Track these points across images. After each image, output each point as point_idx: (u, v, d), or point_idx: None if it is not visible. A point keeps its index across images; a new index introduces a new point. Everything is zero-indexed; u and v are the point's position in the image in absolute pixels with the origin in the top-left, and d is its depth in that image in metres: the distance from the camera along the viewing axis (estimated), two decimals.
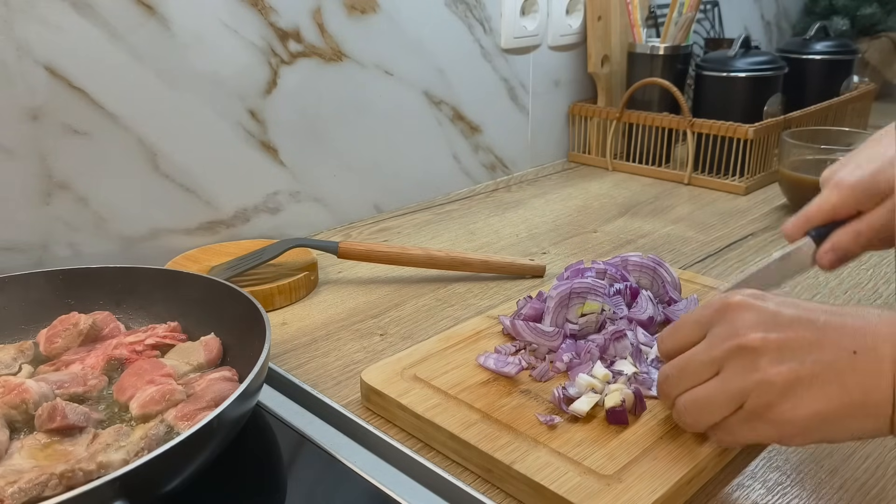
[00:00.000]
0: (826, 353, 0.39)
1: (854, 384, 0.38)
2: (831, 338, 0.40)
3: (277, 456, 0.53)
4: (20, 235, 0.71)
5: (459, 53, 1.05)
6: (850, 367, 0.39)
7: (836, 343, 0.39)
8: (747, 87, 1.12)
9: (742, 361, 0.41)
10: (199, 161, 0.81)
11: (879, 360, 0.38)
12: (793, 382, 0.40)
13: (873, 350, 0.38)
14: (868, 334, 0.39)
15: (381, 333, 0.68)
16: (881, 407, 0.38)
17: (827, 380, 0.39)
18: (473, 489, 0.46)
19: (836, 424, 0.39)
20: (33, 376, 0.54)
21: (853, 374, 0.38)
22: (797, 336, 0.40)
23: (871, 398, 0.38)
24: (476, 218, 0.99)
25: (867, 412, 0.38)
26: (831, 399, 0.39)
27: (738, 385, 0.41)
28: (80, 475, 0.42)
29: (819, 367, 0.39)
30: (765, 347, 0.41)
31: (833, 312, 0.41)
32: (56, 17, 0.68)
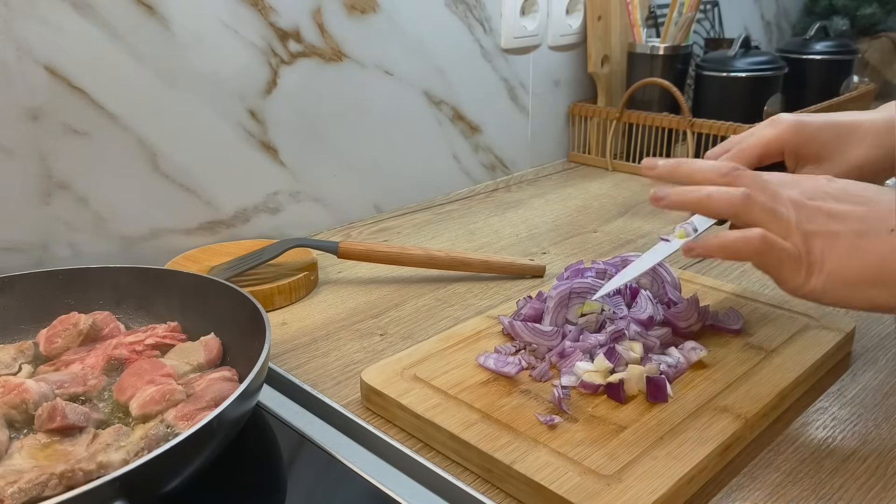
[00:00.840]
0: (868, 225, 0.45)
1: (876, 251, 0.44)
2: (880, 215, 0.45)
3: (277, 456, 0.53)
4: (20, 235, 0.71)
5: (459, 53, 1.05)
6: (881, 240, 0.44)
7: (883, 219, 0.45)
8: (747, 87, 1.12)
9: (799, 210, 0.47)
10: (199, 161, 0.81)
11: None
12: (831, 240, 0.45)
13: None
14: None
15: (381, 333, 0.68)
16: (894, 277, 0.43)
17: (857, 247, 0.44)
18: (473, 489, 0.46)
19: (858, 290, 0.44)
20: (33, 376, 0.54)
21: (882, 244, 0.44)
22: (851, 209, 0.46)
23: (888, 269, 0.43)
24: (476, 218, 0.99)
25: (883, 282, 0.44)
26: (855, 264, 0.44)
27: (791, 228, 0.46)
28: (80, 475, 0.42)
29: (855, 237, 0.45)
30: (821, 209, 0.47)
31: (878, 191, 0.47)
32: (56, 17, 0.68)
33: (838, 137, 0.57)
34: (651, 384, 0.53)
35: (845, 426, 0.53)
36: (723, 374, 0.56)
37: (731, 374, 0.56)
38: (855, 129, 0.57)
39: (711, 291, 0.70)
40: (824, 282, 0.45)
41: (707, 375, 0.56)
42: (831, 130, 0.57)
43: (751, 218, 0.47)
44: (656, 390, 0.53)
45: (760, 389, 0.54)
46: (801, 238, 0.46)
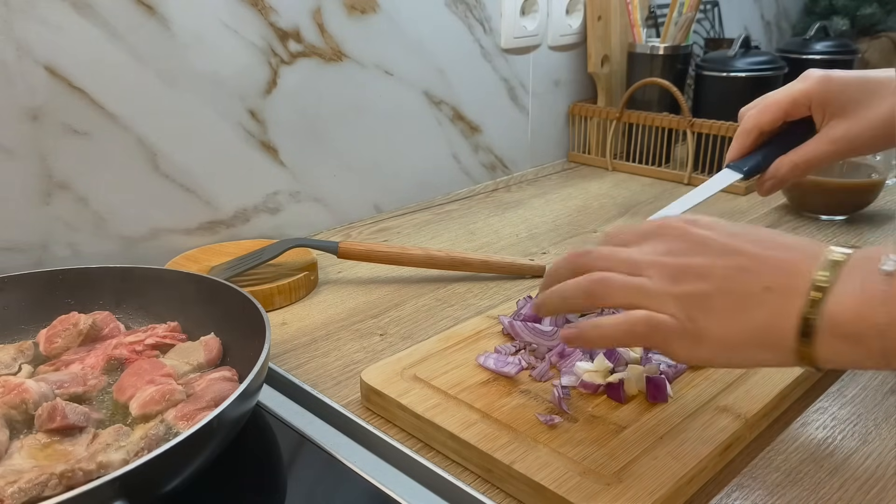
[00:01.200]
0: (741, 283, 0.40)
1: (758, 316, 0.39)
2: (752, 270, 0.41)
3: (277, 456, 0.53)
4: (20, 235, 0.71)
5: (459, 53, 1.05)
6: (759, 302, 0.39)
7: (754, 277, 0.40)
8: (747, 87, 1.12)
9: (662, 276, 0.42)
10: (199, 161, 0.81)
11: (789, 301, 0.39)
12: (706, 305, 0.41)
13: (786, 290, 0.39)
14: (788, 271, 0.40)
15: (380, 333, 0.68)
16: (784, 341, 0.39)
17: (736, 309, 0.40)
18: (473, 489, 0.46)
19: (743, 353, 0.40)
20: (33, 376, 0.54)
21: (760, 308, 0.39)
22: (721, 264, 0.41)
23: (773, 332, 0.39)
24: (476, 218, 0.99)
25: (768, 344, 0.39)
26: (737, 327, 0.40)
27: (655, 292, 0.42)
28: (80, 475, 0.42)
29: (733, 297, 0.40)
30: (687, 268, 0.42)
31: (764, 244, 0.41)
32: (56, 17, 0.68)
33: (866, 92, 0.57)
34: (651, 384, 0.53)
35: (845, 426, 0.53)
36: (723, 374, 0.56)
37: (731, 374, 0.56)
38: (883, 84, 0.57)
39: None
40: (711, 349, 0.41)
41: (707, 375, 0.56)
42: (859, 85, 0.58)
43: (616, 301, 0.43)
44: (656, 390, 0.53)
45: (760, 389, 0.54)
46: (676, 306, 0.41)
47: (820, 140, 0.59)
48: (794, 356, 0.39)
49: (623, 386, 0.53)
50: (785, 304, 0.39)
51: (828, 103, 0.59)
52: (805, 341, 0.38)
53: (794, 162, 0.60)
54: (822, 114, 0.59)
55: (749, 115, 0.63)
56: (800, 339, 0.38)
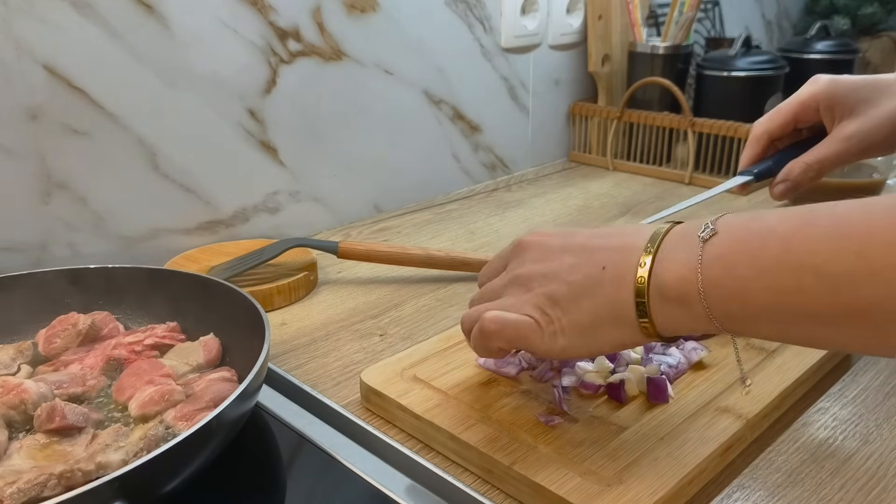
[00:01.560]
0: (583, 271, 0.44)
1: (603, 296, 0.42)
2: (589, 258, 0.44)
3: (277, 456, 0.53)
4: (19, 235, 0.71)
5: (459, 52, 1.04)
6: (599, 282, 0.43)
7: (593, 262, 0.43)
8: (748, 86, 1.12)
9: (518, 288, 0.47)
10: (199, 161, 0.81)
11: (624, 271, 0.42)
12: (556, 298, 0.44)
13: (620, 263, 0.42)
14: (621, 249, 0.43)
15: (380, 334, 0.68)
16: (627, 315, 0.42)
17: (582, 294, 0.43)
18: (473, 490, 0.46)
19: (596, 335, 0.43)
20: (32, 376, 0.54)
21: (600, 287, 0.42)
22: (563, 261, 0.45)
23: (618, 308, 0.42)
24: (476, 218, 0.99)
25: (617, 321, 0.42)
26: (585, 311, 0.43)
27: (511, 303, 0.46)
28: (79, 475, 0.42)
29: (577, 286, 0.43)
30: (535, 273, 0.46)
31: (601, 235, 0.45)
32: (55, 16, 0.68)
33: (875, 91, 0.58)
34: (652, 385, 0.53)
35: (846, 427, 0.53)
36: (723, 375, 0.56)
37: (731, 375, 0.55)
38: (891, 84, 0.58)
39: None
40: (567, 337, 0.44)
41: (707, 376, 0.56)
42: (867, 85, 0.59)
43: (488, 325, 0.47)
44: (657, 391, 0.52)
45: (761, 390, 0.54)
46: (531, 307, 0.45)
47: (831, 140, 0.60)
48: (638, 327, 0.42)
49: (623, 386, 0.53)
50: (621, 277, 0.42)
51: (836, 104, 0.59)
52: (640, 308, 0.41)
53: (807, 162, 0.60)
54: (832, 115, 0.60)
55: (758, 122, 0.64)
56: (636, 308, 0.41)
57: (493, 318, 0.46)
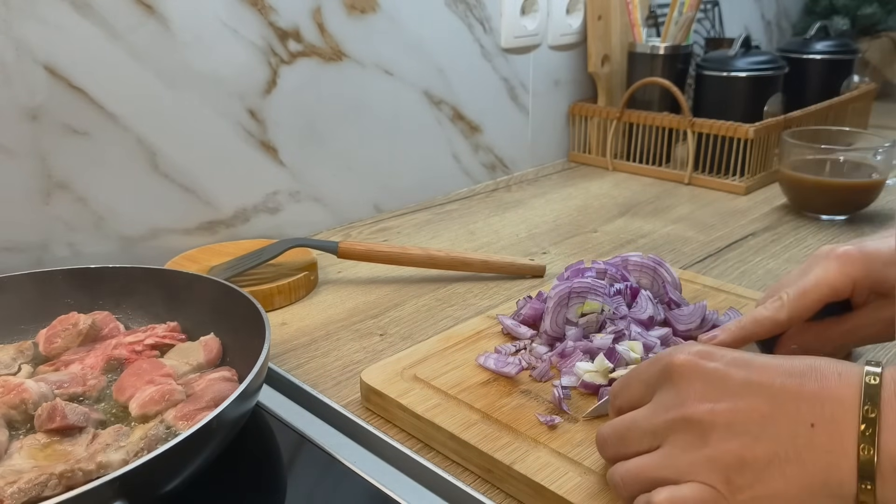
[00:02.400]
0: (782, 426, 0.35)
1: (813, 462, 0.34)
2: (787, 408, 0.35)
3: (277, 456, 0.53)
4: (20, 235, 0.71)
5: (459, 53, 1.04)
6: (809, 443, 0.34)
7: (794, 414, 0.35)
8: (748, 86, 1.12)
9: (687, 436, 0.37)
10: (199, 161, 0.81)
11: (840, 433, 0.34)
12: (747, 461, 0.35)
13: (833, 422, 0.34)
14: (827, 401, 0.35)
15: (380, 333, 0.68)
16: (844, 486, 0.34)
17: (785, 458, 0.35)
18: (473, 489, 0.46)
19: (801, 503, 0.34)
20: (33, 376, 0.54)
21: (811, 450, 0.34)
22: (749, 406, 0.36)
23: (833, 477, 0.34)
24: (476, 218, 0.99)
25: (830, 492, 0.34)
26: (790, 480, 0.34)
27: (685, 462, 0.37)
28: (80, 475, 0.42)
29: (775, 444, 0.35)
30: (712, 421, 0.36)
31: (790, 373, 0.36)
32: (55, 16, 0.68)
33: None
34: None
35: None
36: None
37: None
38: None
39: (712, 291, 0.70)
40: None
41: None
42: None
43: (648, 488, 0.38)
44: None
45: None
46: (708, 472, 0.36)
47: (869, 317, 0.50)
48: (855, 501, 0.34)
49: None
50: (836, 441, 0.34)
51: (876, 286, 0.49)
52: (865, 484, 0.33)
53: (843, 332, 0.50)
54: (866, 295, 0.49)
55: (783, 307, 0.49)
56: (859, 484, 0.33)
57: (668, 500, 0.36)
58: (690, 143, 1.11)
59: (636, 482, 0.39)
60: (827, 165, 0.97)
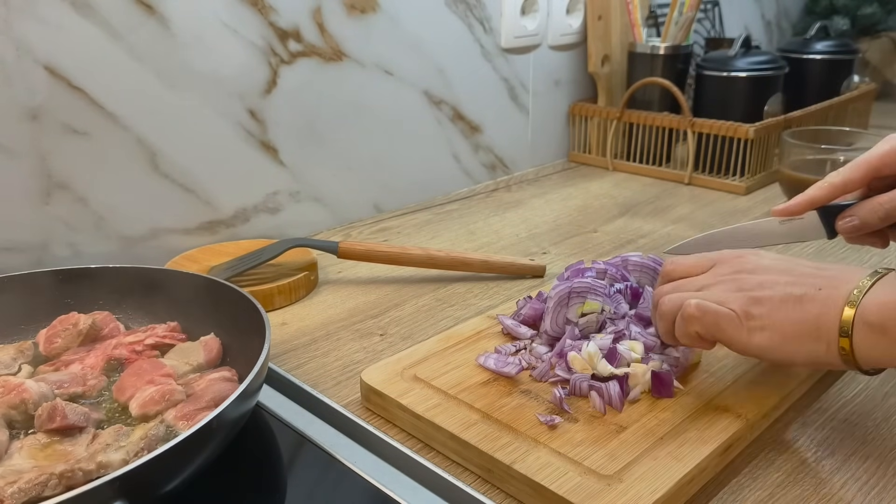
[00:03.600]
0: (797, 287, 0.48)
1: (811, 309, 0.47)
2: (806, 279, 0.48)
3: (277, 456, 0.53)
4: (20, 235, 0.71)
5: (459, 53, 1.04)
6: (812, 298, 0.47)
7: (809, 281, 0.48)
8: (748, 86, 1.12)
9: (727, 285, 0.50)
10: (199, 161, 0.81)
11: (836, 296, 0.46)
12: (764, 301, 0.48)
13: (835, 288, 0.47)
14: (837, 279, 0.47)
15: (381, 333, 0.68)
16: (830, 330, 0.45)
17: (792, 303, 0.47)
18: (473, 489, 0.46)
19: (795, 342, 0.47)
20: (33, 376, 0.54)
21: (813, 302, 0.47)
22: (778, 277, 0.49)
23: (823, 322, 0.46)
24: (476, 218, 0.99)
25: (818, 335, 0.46)
26: (791, 318, 0.47)
27: (718, 292, 0.50)
28: (80, 475, 0.42)
29: (789, 297, 0.47)
30: (749, 278, 0.50)
31: (817, 267, 0.50)
32: (55, 16, 0.68)
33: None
34: (657, 379, 0.53)
35: (845, 426, 0.53)
36: (723, 375, 0.56)
37: (731, 375, 0.56)
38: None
39: None
40: (768, 338, 0.47)
41: (707, 376, 0.56)
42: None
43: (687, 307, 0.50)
44: (661, 385, 0.52)
45: (761, 389, 0.54)
46: (735, 302, 0.48)
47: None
48: (837, 347, 0.45)
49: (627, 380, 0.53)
50: (832, 300, 0.46)
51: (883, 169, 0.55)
52: (843, 331, 0.45)
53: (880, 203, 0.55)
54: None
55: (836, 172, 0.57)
56: (839, 329, 0.45)
57: (697, 304, 0.49)
58: (690, 143, 1.11)
59: (679, 300, 0.51)
60: (827, 165, 0.97)
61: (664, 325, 0.52)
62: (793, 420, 0.54)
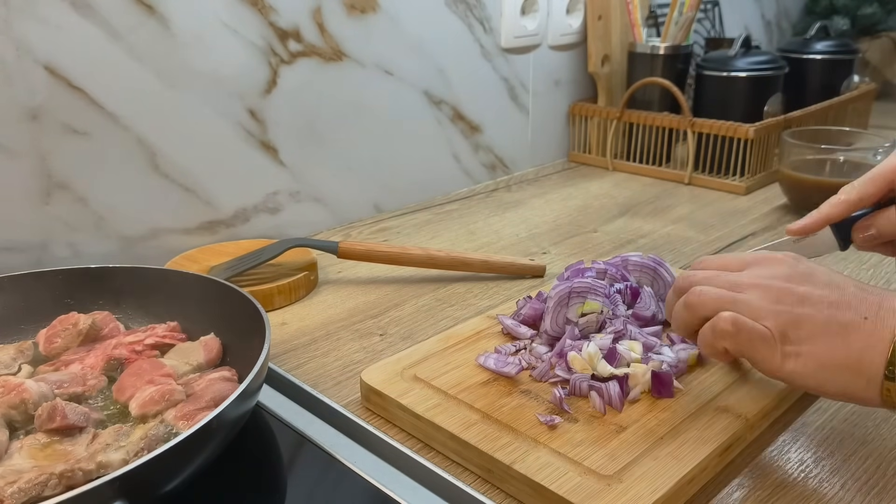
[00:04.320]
0: (842, 311, 0.44)
1: (855, 341, 0.43)
2: (851, 302, 0.44)
3: (277, 456, 0.53)
4: (20, 235, 0.71)
5: (459, 53, 1.04)
6: (857, 328, 0.43)
7: (854, 307, 0.44)
8: (748, 86, 1.12)
9: (766, 293, 0.46)
10: (199, 161, 0.81)
11: (883, 327, 0.42)
12: (804, 324, 0.44)
13: (881, 320, 0.43)
14: (883, 308, 0.43)
15: (380, 333, 0.68)
16: (873, 367, 0.42)
17: (834, 333, 0.43)
18: (473, 489, 0.46)
19: (832, 373, 0.43)
20: (33, 376, 0.54)
21: (858, 333, 0.43)
22: (822, 293, 0.45)
23: (866, 357, 0.42)
24: (476, 218, 0.99)
25: (860, 370, 0.42)
26: (831, 349, 0.43)
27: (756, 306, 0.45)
28: (80, 475, 0.42)
29: (831, 321, 0.43)
30: (791, 291, 0.45)
31: (860, 287, 0.45)
32: (56, 16, 0.68)
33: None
34: (657, 379, 0.53)
35: (845, 426, 0.53)
36: (723, 375, 0.56)
37: (731, 375, 0.56)
38: None
39: None
40: (802, 365, 0.44)
41: (707, 376, 0.56)
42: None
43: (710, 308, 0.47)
44: (661, 385, 0.52)
45: (761, 390, 0.54)
46: (772, 320, 0.44)
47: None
48: (879, 387, 0.42)
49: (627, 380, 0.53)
50: (879, 333, 0.42)
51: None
52: (890, 371, 0.41)
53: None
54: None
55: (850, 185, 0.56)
56: (886, 367, 0.41)
57: (733, 319, 0.45)
58: (690, 143, 1.11)
59: (712, 302, 0.47)
60: (827, 165, 0.97)
61: (687, 316, 0.48)
62: (793, 420, 0.54)
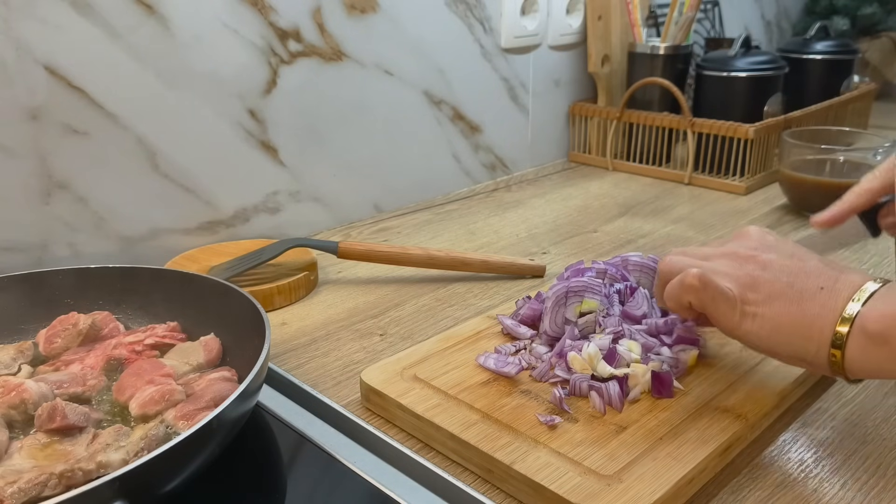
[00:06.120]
0: (800, 279, 0.47)
1: (810, 308, 0.45)
2: (810, 272, 0.47)
3: (277, 456, 0.53)
4: (20, 235, 0.71)
5: (459, 53, 1.04)
6: (812, 296, 0.46)
7: (813, 277, 0.47)
8: (748, 86, 1.12)
9: (732, 260, 0.49)
10: (199, 161, 0.81)
11: (836, 297, 0.45)
12: (763, 287, 0.47)
13: (836, 291, 0.45)
14: (840, 280, 0.46)
15: (380, 333, 0.68)
16: (823, 334, 0.44)
17: (790, 298, 0.46)
18: (473, 489, 0.46)
19: (785, 336, 0.46)
20: (33, 376, 0.54)
21: (812, 301, 0.45)
22: (785, 262, 0.48)
23: (818, 324, 0.45)
24: (476, 218, 0.99)
25: (811, 335, 0.45)
26: (786, 313, 0.46)
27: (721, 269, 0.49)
28: (80, 475, 0.42)
29: (788, 287, 0.46)
30: (754, 257, 0.49)
31: (824, 262, 0.48)
32: (56, 16, 0.68)
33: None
34: (657, 379, 0.53)
35: (845, 426, 0.53)
36: (723, 375, 0.56)
37: (731, 375, 0.56)
38: None
39: None
40: (759, 326, 0.46)
41: (707, 376, 0.56)
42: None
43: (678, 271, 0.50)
44: (661, 385, 0.52)
45: (761, 390, 0.54)
46: (735, 282, 0.47)
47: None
48: (827, 353, 0.44)
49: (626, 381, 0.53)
50: (832, 303, 0.45)
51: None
52: (837, 338, 0.44)
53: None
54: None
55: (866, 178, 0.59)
56: (833, 335, 0.44)
57: (699, 275, 0.48)
58: (690, 143, 1.11)
59: (681, 265, 0.50)
60: (827, 165, 0.97)
61: (659, 284, 0.53)
62: (793, 420, 0.54)
